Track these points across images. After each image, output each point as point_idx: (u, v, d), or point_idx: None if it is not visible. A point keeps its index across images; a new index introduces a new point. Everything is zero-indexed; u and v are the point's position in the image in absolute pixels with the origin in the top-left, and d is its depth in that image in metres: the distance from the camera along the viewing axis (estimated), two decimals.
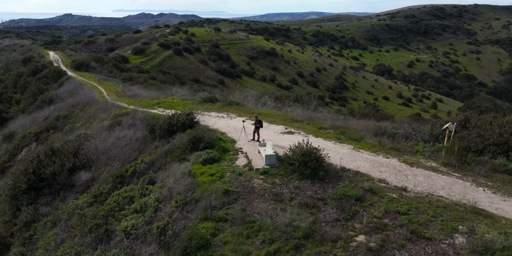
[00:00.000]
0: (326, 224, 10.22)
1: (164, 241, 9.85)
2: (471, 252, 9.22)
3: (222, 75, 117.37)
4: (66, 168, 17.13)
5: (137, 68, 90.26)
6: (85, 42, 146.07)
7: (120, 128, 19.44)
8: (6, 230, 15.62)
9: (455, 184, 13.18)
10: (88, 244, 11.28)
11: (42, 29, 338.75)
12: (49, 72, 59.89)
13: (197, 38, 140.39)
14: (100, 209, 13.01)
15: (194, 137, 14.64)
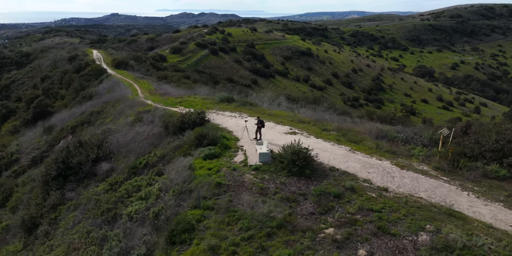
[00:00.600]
0: (301, 216, 11.27)
1: (157, 224, 11.33)
2: (430, 249, 9.94)
3: (256, 74, 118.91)
4: (90, 158, 19.18)
5: (173, 67, 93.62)
6: (127, 41, 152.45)
7: (141, 124, 21.32)
8: (37, 211, 17.82)
9: (440, 187, 13.72)
10: (98, 225, 12.99)
11: (90, 28, 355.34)
12: (91, 70, 63.94)
13: (233, 38, 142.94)
14: (112, 196, 14.76)
15: (200, 134, 16.10)
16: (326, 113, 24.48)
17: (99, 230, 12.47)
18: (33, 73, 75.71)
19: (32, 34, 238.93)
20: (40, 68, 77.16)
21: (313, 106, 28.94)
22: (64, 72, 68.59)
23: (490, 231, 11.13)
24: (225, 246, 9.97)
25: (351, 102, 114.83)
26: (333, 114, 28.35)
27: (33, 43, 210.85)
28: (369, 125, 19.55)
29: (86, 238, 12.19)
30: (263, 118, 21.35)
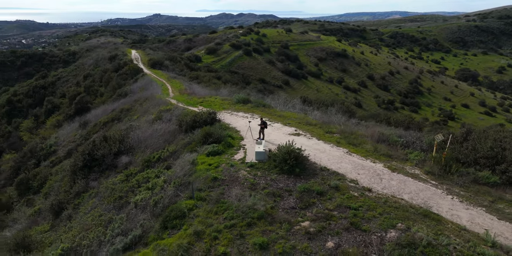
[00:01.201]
0: (282, 210, 12.39)
1: (155, 211, 12.86)
2: (395, 244, 10.76)
3: (288, 75, 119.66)
4: (112, 152, 21.19)
5: (207, 67, 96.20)
6: (166, 41, 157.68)
7: (160, 122, 23.14)
8: (64, 197, 20.02)
9: (425, 190, 14.31)
10: (109, 210, 14.73)
11: (133, 28, 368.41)
12: (128, 69, 67.56)
13: (267, 39, 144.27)
14: (125, 186, 16.52)
15: (206, 133, 17.56)
16: (336, 116, 25.20)
17: (108, 214, 14.21)
18: (77, 71, 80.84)
19: (80, 34, 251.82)
20: (83, 66, 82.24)
21: (329, 109, 29.65)
22: (104, 71, 72.82)
23: (461, 233, 11.72)
24: (209, 232, 11.30)
25: (385, 105, 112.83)
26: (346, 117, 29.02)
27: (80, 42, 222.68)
28: (372, 129, 20.19)
29: (96, 221, 13.96)
30: (274, 119, 22.55)
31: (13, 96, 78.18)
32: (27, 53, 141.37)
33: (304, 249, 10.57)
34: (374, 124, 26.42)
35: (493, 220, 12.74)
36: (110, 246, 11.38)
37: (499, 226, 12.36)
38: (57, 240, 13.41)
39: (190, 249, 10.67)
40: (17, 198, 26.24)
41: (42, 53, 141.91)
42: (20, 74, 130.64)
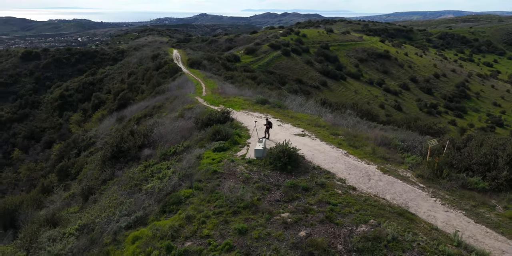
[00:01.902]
0: (267, 202, 13.78)
1: (158, 197, 14.72)
2: (362, 237, 11.82)
3: (326, 76, 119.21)
4: (137, 145, 23.50)
5: (244, 67, 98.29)
6: (208, 41, 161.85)
7: (181, 119, 25.20)
8: (93, 184, 22.56)
9: (410, 192, 15.08)
10: (123, 195, 16.84)
11: (180, 27, 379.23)
12: (167, 68, 71.14)
13: (307, 39, 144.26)
14: (141, 175, 18.62)
15: (215, 130, 19.27)
16: (350, 119, 26.01)
17: (121, 198, 16.31)
18: (122, 69, 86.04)
19: (130, 33, 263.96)
20: (128, 64, 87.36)
21: (347, 112, 30.39)
22: (146, 69, 77.09)
23: (431, 232, 12.51)
24: (199, 217, 12.95)
25: (427, 108, 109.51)
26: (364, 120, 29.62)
27: (129, 41, 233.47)
28: (376, 132, 20.93)
29: (111, 203, 16.07)
30: (285, 120, 23.87)
31: (65, 91, 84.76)
32: (80, 51, 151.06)
33: (278, 236, 11.92)
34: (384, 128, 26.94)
35: (469, 223, 13.35)
36: (115, 223, 13.38)
37: (473, 229, 12.97)
38: (78, 218, 15.66)
39: (179, 230, 12.38)
40: (57, 183, 29.49)
41: (94, 51, 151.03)
42: (74, 70, 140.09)
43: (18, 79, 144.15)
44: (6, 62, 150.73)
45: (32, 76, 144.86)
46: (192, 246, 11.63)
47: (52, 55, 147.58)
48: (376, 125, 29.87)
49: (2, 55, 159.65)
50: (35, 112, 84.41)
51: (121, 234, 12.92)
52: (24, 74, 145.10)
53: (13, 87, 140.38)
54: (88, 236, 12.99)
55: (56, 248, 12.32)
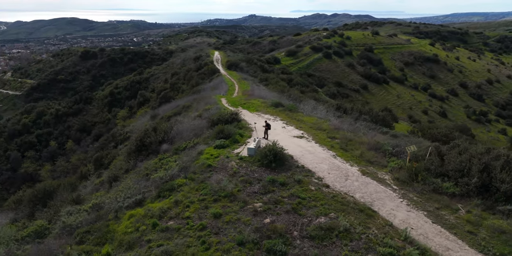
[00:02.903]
0: (246, 193, 15.87)
1: (158, 185, 17.34)
2: (317, 227, 13.56)
3: (367, 79, 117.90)
4: (157, 140, 26.49)
5: (282, 69, 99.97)
6: (252, 42, 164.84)
7: (199, 118, 27.87)
8: (118, 173, 25.84)
9: (381, 192, 16.47)
10: (134, 182, 19.67)
11: (229, 29, 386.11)
12: (206, 70, 74.88)
13: (351, 41, 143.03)
14: (154, 166, 21.41)
15: (219, 130, 21.64)
16: (357, 124, 27.28)
17: (130, 184, 19.16)
18: (167, 69, 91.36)
19: (180, 34, 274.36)
20: (172, 65, 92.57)
21: (362, 117, 31.51)
22: (188, 70, 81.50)
23: (384, 227, 13.98)
24: (185, 202, 15.36)
25: (476, 116, 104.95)
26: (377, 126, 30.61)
27: (179, 41, 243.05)
28: (370, 137, 22.21)
29: (122, 188, 18.97)
30: (290, 123, 25.75)
31: (114, 88, 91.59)
32: (133, 51, 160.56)
33: (246, 221, 14.00)
34: (395, 134, 27.85)
35: (426, 222, 14.59)
36: (117, 204, 16.14)
37: (428, 228, 14.23)
38: (93, 199, 18.71)
39: (166, 211, 14.86)
40: (92, 171, 33.42)
41: (145, 51, 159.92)
42: (126, 69, 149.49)
43: (77, 76, 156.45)
44: (67, 60, 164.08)
45: (89, 73, 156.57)
46: (173, 224, 14.06)
47: (108, 54, 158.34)
48: (388, 131, 30.78)
49: (64, 54, 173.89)
50: (88, 107, 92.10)
51: (121, 212, 15.65)
52: (82, 71, 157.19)
53: (72, 83, 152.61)
54: (97, 213, 15.86)
55: (70, 219, 15.27)
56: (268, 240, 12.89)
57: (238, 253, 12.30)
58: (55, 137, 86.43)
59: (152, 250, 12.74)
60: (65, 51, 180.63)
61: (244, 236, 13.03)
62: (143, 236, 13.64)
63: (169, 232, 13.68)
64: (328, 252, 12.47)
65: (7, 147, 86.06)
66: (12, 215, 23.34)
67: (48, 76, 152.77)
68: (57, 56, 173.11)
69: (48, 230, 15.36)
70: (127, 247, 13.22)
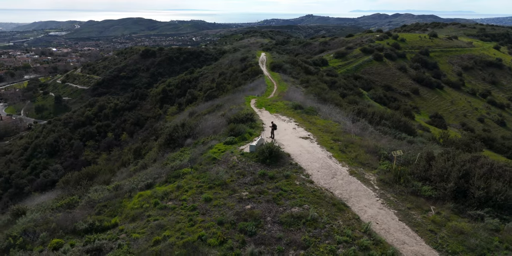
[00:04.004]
0: (238, 183, 18.28)
1: (168, 171, 20.32)
2: (289, 215, 15.62)
3: (419, 84, 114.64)
4: (183, 135, 29.74)
5: (328, 71, 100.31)
6: (303, 43, 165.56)
7: (222, 117, 30.69)
8: (148, 162, 29.48)
9: (361, 191, 18.04)
10: (153, 170, 22.89)
11: (285, 29, 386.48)
12: (250, 71, 77.91)
13: (405, 44, 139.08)
14: (173, 157, 24.54)
15: (231, 128, 24.22)
16: (372, 128, 28.47)
17: (149, 170, 22.39)
18: (215, 69, 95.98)
19: (235, 34, 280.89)
20: (221, 65, 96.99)
21: (382, 122, 32.46)
22: (233, 71, 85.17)
23: (351, 220, 15.71)
24: (185, 187, 18.13)
25: None
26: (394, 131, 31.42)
27: (234, 42, 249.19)
28: (376, 141, 23.54)
29: (141, 173, 22.29)
30: (302, 124, 27.71)
31: (167, 86, 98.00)
32: (188, 51, 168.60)
33: (230, 206, 16.43)
34: (413, 140, 28.62)
35: (393, 219, 16.05)
36: (132, 185, 19.36)
37: (392, 224, 15.72)
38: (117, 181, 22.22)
39: (168, 194, 17.74)
40: (132, 160, 37.68)
41: (199, 51, 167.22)
42: (181, 68, 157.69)
43: (137, 73, 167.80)
44: (129, 58, 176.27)
45: (148, 71, 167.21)
46: (171, 204, 16.89)
47: (166, 53, 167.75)
48: (405, 136, 31.46)
49: (127, 52, 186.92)
50: (142, 103, 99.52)
51: (134, 192, 18.80)
52: (142, 69, 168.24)
53: (133, 80, 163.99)
54: (115, 192, 19.18)
55: (94, 195, 18.71)
56: (244, 222, 15.23)
57: (216, 230, 14.79)
58: (113, 129, 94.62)
59: (149, 223, 15.65)
60: (128, 50, 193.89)
61: (224, 218, 15.50)
62: (145, 211, 16.62)
63: (166, 210, 16.53)
64: (291, 236, 14.54)
65: (72, 136, 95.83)
66: (60, 192, 27.78)
67: (112, 73, 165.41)
68: (121, 54, 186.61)
69: (77, 203, 18.92)
70: (131, 219, 16.28)
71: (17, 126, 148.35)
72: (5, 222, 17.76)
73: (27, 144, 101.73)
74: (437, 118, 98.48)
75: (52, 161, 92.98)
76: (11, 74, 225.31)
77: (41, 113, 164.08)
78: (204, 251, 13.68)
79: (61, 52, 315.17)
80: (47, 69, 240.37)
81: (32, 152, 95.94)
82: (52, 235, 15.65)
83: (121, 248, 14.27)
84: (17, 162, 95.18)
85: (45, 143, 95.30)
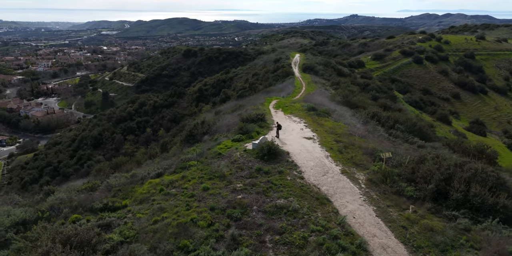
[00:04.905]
0: (235, 176, 20.34)
1: (177, 163, 22.79)
2: (273, 205, 17.45)
3: (461, 88, 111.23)
4: (201, 132, 32.27)
5: (363, 74, 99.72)
6: (342, 44, 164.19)
7: (238, 116, 32.88)
8: (170, 155, 32.30)
9: (347, 188, 19.47)
10: (168, 161, 25.49)
11: (328, 29, 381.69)
12: (281, 72, 79.59)
13: (449, 46, 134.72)
14: (187, 151, 27.07)
15: (240, 127, 26.31)
16: (382, 132, 29.48)
17: (163, 162, 25.01)
18: (249, 70, 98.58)
19: (276, 34, 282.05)
20: (255, 66, 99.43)
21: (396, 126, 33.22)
22: (266, 72, 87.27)
23: (329, 213, 17.28)
24: (188, 177, 20.48)
25: None
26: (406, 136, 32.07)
27: (274, 42, 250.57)
28: (369, 144, 24.70)
29: (157, 165, 24.97)
30: (311, 126, 29.27)
31: (203, 85, 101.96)
32: (228, 51, 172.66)
33: (224, 195, 18.54)
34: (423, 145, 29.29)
35: (371, 215, 17.43)
36: (144, 174, 22.03)
37: (368, 219, 17.12)
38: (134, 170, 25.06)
39: (173, 183, 20.16)
40: (159, 154, 40.90)
41: (238, 51, 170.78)
42: (221, 67, 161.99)
43: (179, 72, 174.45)
44: (172, 57, 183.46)
45: (189, 70, 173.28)
46: (174, 191, 19.28)
47: (206, 53, 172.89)
48: (416, 141, 32.01)
49: (170, 51, 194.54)
50: (179, 101, 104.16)
51: (146, 180, 21.42)
52: (183, 68, 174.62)
53: (174, 79, 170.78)
54: (131, 179, 21.93)
55: (112, 181, 21.58)
56: (232, 209, 17.28)
57: (207, 214, 16.96)
58: (151, 124, 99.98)
59: (153, 206, 18.12)
60: (171, 49, 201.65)
61: (216, 204, 17.64)
62: (151, 196, 19.14)
63: (169, 196, 18.94)
64: (271, 223, 16.41)
65: (114, 130, 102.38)
66: (92, 178, 31.27)
67: (155, 71, 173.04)
68: (164, 54, 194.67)
69: (98, 187, 21.86)
70: (138, 202, 18.86)
71: (68, 119, 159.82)
72: (38, 199, 21.04)
73: (75, 136, 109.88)
74: (476, 124, 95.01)
75: (95, 152, 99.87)
76: (64, 70, 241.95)
77: (90, 108, 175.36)
78: (193, 231, 15.88)
79: (110, 51, 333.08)
80: (97, 66, 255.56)
81: (79, 144, 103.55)
82: (73, 212, 18.55)
83: (126, 225, 16.84)
84: (65, 152, 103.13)
85: (90, 136, 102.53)
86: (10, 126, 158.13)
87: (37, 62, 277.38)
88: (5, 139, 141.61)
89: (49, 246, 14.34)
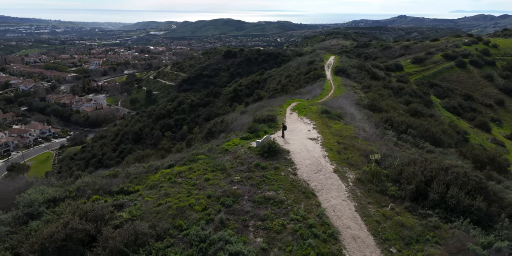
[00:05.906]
0: (235, 170, 22.67)
1: (189, 157, 25.52)
2: (262, 196, 19.60)
3: (507, 94, 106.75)
4: (220, 130, 34.96)
5: (399, 77, 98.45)
6: (383, 47, 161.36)
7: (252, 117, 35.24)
8: (191, 150, 35.25)
9: (335, 185, 21.19)
10: (180, 155, 28.29)
11: (374, 30, 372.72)
12: (312, 74, 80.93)
13: (498, 50, 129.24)
14: (203, 147, 29.79)
15: (249, 126, 28.62)
16: (390, 136, 30.61)
17: (177, 155, 27.86)
18: (283, 72, 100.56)
19: (317, 35, 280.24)
20: (289, 68, 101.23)
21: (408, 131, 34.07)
22: (298, 74, 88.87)
23: (311, 206, 19.16)
24: (194, 169, 23.11)
25: None
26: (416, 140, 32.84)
27: (315, 43, 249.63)
28: (367, 147, 26.08)
29: (171, 157, 27.88)
30: (318, 127, 31.01)
31: (238, 86, 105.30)
32: (266, 52, 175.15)
33: (222, 186, 20.96)
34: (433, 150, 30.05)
35: (350, 209, 19.12)
36: (158, 165, 24.96)
37: (347, 213, 18.84)
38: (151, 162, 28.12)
39: (180, 173, 22.89)
40: (184, 149, 44.17)
41: (277, 53, 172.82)
42: (259, 68, 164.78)
43: (218, 72, 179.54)
44: (213, 58, 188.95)
45: (228, 71, 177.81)
46: (179, 180, 22.00)
47: (245, 54, 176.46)
48: (427, 146, 32.67)
49: (211, 52, 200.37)
50: (215, 100, 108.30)
51: (159, 170, 24.34)
52: (223, 69, 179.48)
53: (214, 79, 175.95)
54: (147, 168, 24.96)
55: (131, 170, 24.72)
56: (225, 197, 19.67)
57: (203, 201, 19.46)
58: (187, 122, 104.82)
59: (160, 191, 20.92)
60: (212, 50, 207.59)
61: (213, 193, 20.11)
62: (160, 184, 21.97)
63: (175, 184, 21.68)
64: (257, 211, 18.60)
65: (153, 126, 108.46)
66: (120, 168, 34.90)
67: (196, 71, 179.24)
68: (205, 54, 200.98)
69: (120, 174, 25.10)
70: (149, 188, 21.75)
71: (114, 115, 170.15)
72: (69, 182, 24.62)
73: (118, 131, 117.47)
74: None
75: (136, 147, 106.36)
76: (113, 69, 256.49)
77: (134, 105, 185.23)
78: (189, 213, 18.44)
79: (156, 50, 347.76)
80: (143, 65, 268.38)
81: (121, 138, 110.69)
82: (94, 193, 21.78)
83: (135, 206, 19.74)
84: (109, 145, 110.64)
85: (132, 131, 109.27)
86: (63, 120, 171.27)
87: (89, 60, 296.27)
88: (57, 132, 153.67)
89: (69, 217, 17.51)
